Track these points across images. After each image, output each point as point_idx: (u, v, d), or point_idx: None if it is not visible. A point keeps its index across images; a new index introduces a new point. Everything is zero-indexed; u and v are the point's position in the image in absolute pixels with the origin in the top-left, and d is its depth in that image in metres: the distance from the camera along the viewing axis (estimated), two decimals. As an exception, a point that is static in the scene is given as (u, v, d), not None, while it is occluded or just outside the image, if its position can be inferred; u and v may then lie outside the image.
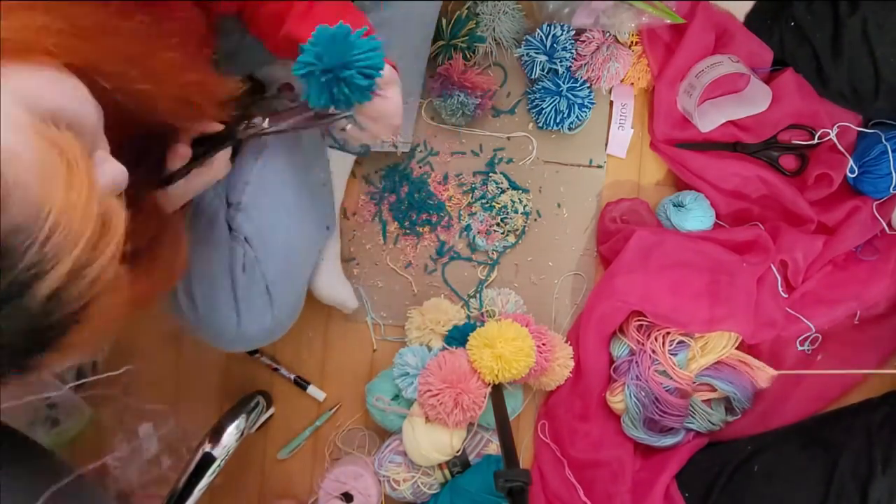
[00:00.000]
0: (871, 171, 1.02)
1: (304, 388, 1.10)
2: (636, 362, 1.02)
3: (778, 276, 1.03)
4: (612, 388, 1.05)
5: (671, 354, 1.00)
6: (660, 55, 1.07)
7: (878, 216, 1.02)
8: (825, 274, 1.05)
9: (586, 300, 1.09)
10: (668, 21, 1.00)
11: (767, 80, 1.04)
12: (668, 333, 1.01)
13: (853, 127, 1.03)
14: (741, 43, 1.03)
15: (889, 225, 1.04)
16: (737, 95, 1.06)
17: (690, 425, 1.03)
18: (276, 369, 1.10)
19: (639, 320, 1.03)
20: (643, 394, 1.01)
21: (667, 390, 1.00)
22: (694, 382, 1.01)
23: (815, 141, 1.04)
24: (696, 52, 1.04)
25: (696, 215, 1.04)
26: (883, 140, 1.00)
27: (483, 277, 1.11)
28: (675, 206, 1.06)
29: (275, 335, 0.90)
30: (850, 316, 1.07)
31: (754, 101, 1.04)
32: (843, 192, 1.05)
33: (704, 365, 1.00)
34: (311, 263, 0.97)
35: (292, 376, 1.10)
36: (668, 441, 1.03)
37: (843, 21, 0.92)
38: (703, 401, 1.03)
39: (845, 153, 1.01)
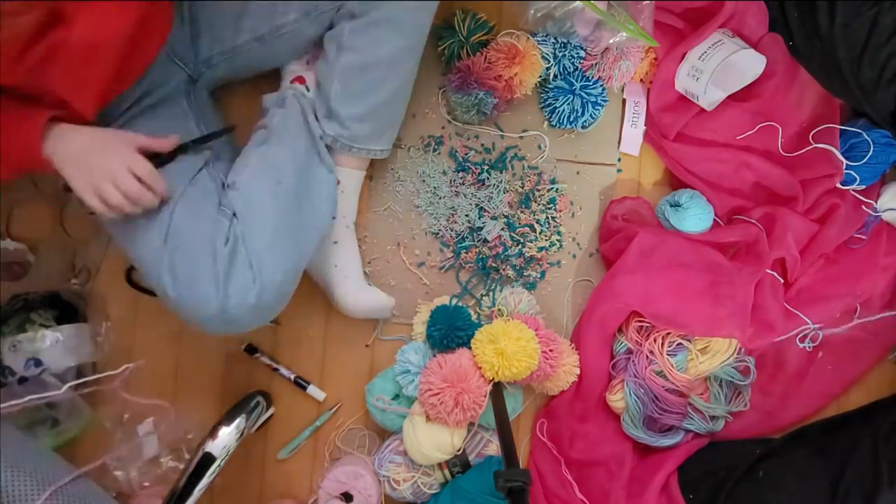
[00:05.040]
0: (856, 158, 1.02)
1: (304, 388, 1.10)
2: (633, 362, 1.02)
3: (780, 278, 1.02)
4: (611, 386, 1.05)
5: (669, 355, 1.00)
6: (669, 40, 1.06)
7: (863, 202, 1.03)
8: (818, 269, 1.06)
9: (587, 301, 1.09)
10: (643, 42, 1.01)
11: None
12: (668, 335, 1.01)
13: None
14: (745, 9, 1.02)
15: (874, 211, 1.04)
16: (729, 66, 1.02)
17: (690, 426, 1.03)
18: (275, 369, 1.10)
19: (639, 321, 1.03)
20: (642, 391, 1.01)
21: (665, 389, 1.00)
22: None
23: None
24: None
25: (694, 214, 1.04)
26: (865, 136, 1.01)
27: (497, 276, 1.10)
28: (672, 206, 1.06)
29: (260, 316, 0.87)
30: (848, 312, 1.06)
31: (749, 69, 1.02)
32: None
33: (704, 371, 1.00)
34: (307, 248, 0.94)
35: (292, 376, 1.10)
36: (666, 441, 1.03)
37: (819, 13, 0.90)
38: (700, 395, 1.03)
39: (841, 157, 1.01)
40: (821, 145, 1.01)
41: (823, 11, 0.88)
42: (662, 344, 1.01)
